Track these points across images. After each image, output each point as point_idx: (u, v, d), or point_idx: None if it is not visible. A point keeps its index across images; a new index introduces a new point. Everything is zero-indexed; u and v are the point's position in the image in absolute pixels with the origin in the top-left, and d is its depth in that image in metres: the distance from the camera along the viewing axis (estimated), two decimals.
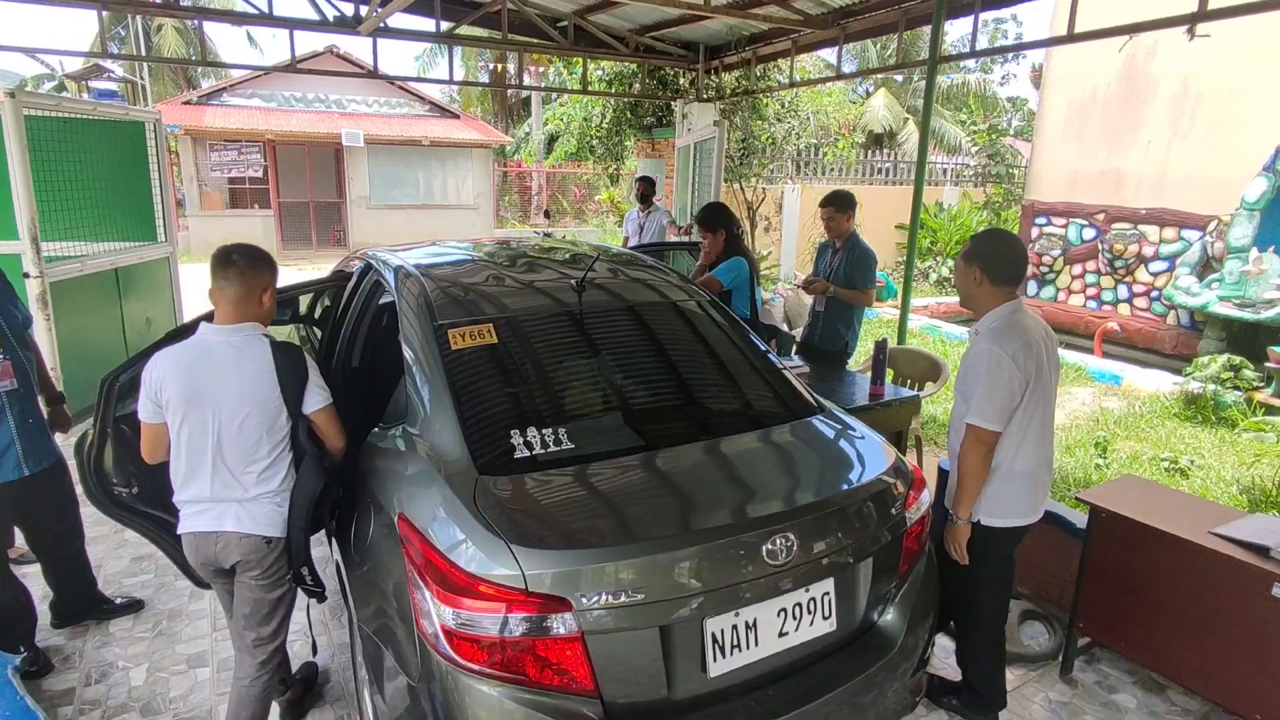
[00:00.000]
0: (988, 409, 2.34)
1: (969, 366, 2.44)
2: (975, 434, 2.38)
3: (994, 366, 2.33)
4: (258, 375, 2.19)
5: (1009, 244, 2.50)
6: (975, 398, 2.36)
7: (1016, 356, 2.33)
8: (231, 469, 2.19)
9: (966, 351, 2.53)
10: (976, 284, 2.45)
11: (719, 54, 7.76)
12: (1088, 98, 8.98)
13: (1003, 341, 2.35)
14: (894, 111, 20.05)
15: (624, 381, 2.43)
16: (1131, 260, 8.54)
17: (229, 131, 15.94)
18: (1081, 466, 4.67)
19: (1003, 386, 2.33)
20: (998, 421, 2.35)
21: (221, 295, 2.21)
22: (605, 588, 1.67)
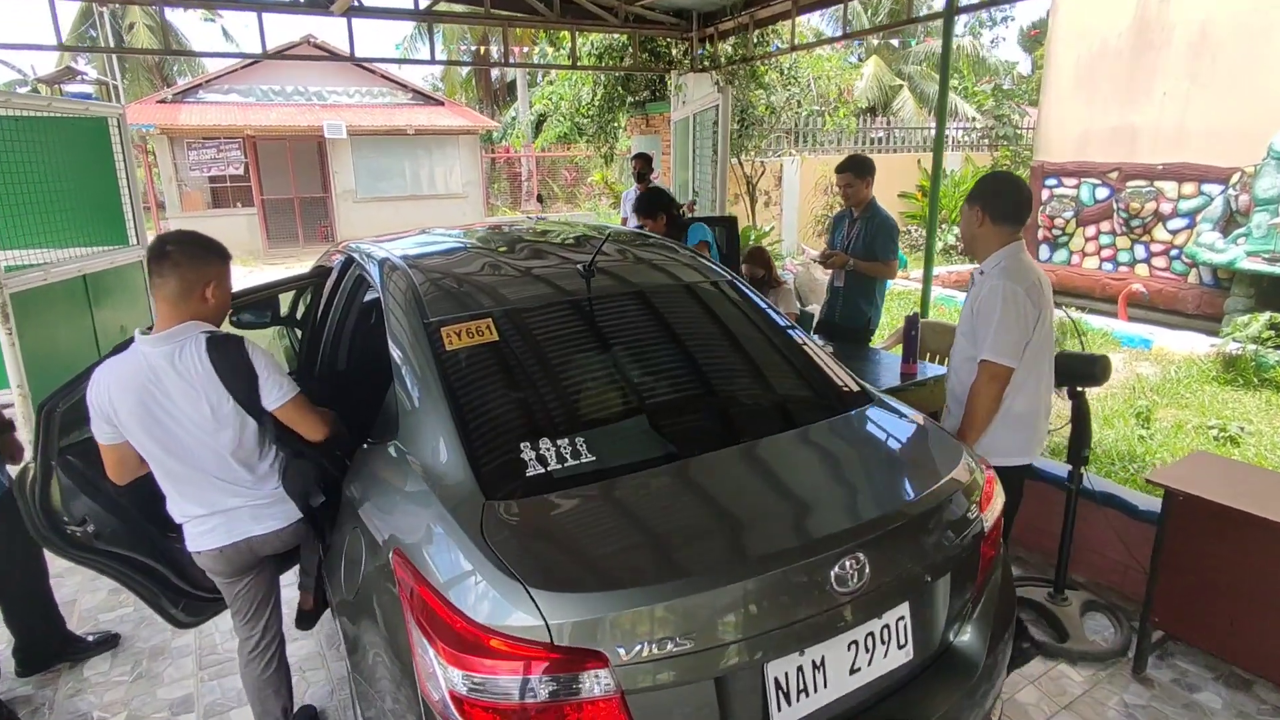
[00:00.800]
0: (1004, 344, 2.36)
1: (980, 304, 2.43)
2: (990, 370, 2.39)
3: (1009, 302, 2.34)
4: (202, 386, 1.91)
5: (1008, 182, 2.55)
6: (990, 334, 2.37)
7: (1031, 293, 2.37)
8: (222, 480, 1.97)
9: (973, 291, 2.52)
10: (979, 224, 2.49)
11: (713, 20, 7.35)
12: (1097, 51, 8.60)
13: (1015, 278, 2.37)
14: (885, 80, 19.58)
15: (646, 378, 2.11)
16: (1149, 219, 8.21)
17: (206, 129, 15.48)
18: (1124, 439, 4.39)
19: (1018, 322, 2.36)
20: (1013, 357, 2.37)
21: (158, 294, 1.91)
22: (647, 636, 1.37)
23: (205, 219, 16.16)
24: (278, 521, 2.08)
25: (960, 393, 2.58)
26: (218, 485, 1.99)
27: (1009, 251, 2.47)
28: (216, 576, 2.15)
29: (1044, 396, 2.55)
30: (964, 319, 2.56)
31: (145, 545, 2.30)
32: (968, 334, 2.53)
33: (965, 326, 2.54)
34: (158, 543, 2.32)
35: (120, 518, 2.21)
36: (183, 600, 2.42)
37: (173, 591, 2.39)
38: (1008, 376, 2.40)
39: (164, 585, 2.37)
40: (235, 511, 2.03)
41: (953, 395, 2.66)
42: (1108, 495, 3.19)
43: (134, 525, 2.25)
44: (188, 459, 1.94)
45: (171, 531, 2.29)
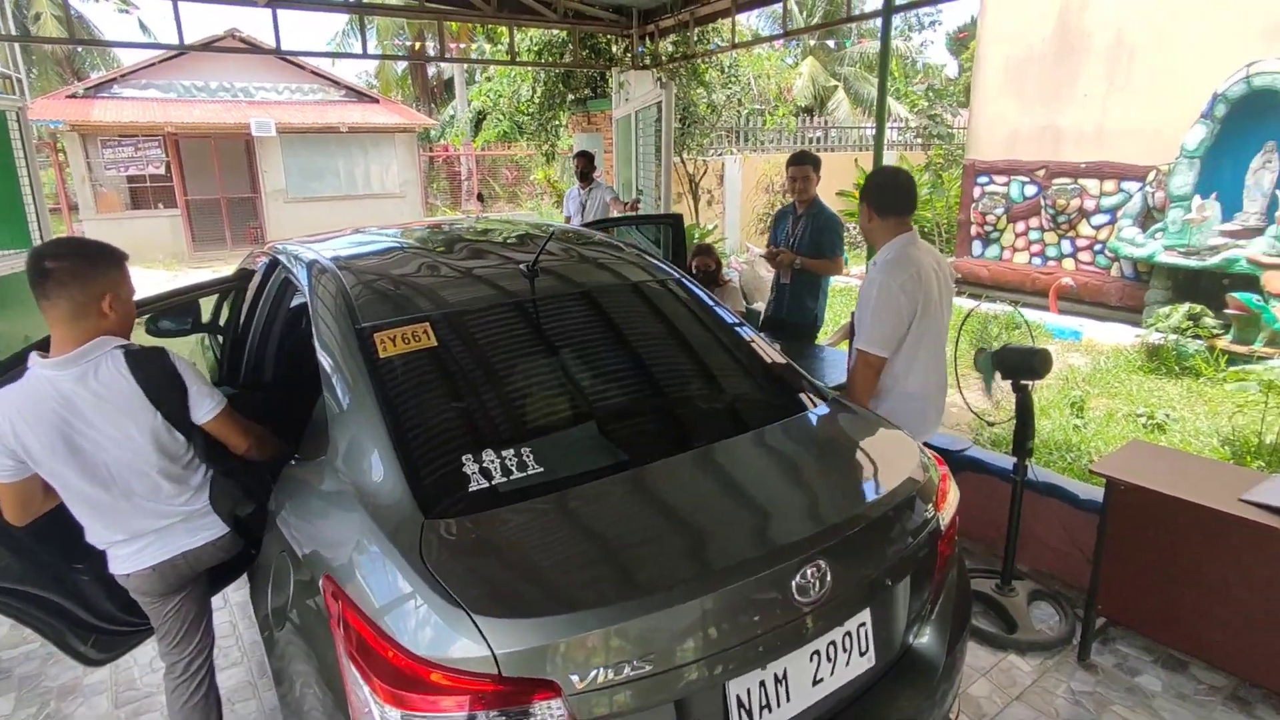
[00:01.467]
0: (875, 335, 2.48)
1: (861, 296, 2.56)
2: (863, 358, 2.52)
3: (883, 296, 2.46)
4: (127, 405, 1.74)
5: (889, 176, 2.68)
6: (864, 325, 2.49)
7: (905, 286, 2.46)
8: (151, 503, 1.82)
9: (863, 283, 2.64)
10: (869, 219, 2.59)
11: (653, 17, 7.30)
12: (1023, 54, 8.90)
13: (894, 272, 2.47)
14: (820, 80, 19.93)
15: (594, 383, 2.02)
16: (1074, 215, 8.54)
17: (123, 125, 14.64)
18: (1060, 429, 4.52)
19: (890, 315, 2.46)
20: (883, 347, 2.49)
21: (50, 317, 1.70)
22: (603, 661, 1.28)
23: (124, 221, 15.31)
24: (213, 531, 1.95)
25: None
26: (146, 509, 1.84)
27: (898, 243, 2.56)
28: (145, 597, 1.97)
29: (933, 377, 2.65)
30: (856, 308, 2.69)
31: (46, 579, 2.09)
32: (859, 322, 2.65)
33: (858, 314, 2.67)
34: (61, 575, 2.12)
35: (12, 549, 2.00)
36: (93, 636, 2.21)
37: (81, 628, 2.18)
38: (879, 365, 2.52)
39: (71, 621, 2.16)
40: (165, 531, 1.88)
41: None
42: (1050, 485, 3.25)
43: (30, 557, 2.04)
44: (113, 485, 1.78)
45: (77, 563, 2.09)
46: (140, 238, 15.15)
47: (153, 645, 2.82)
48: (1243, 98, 6.83)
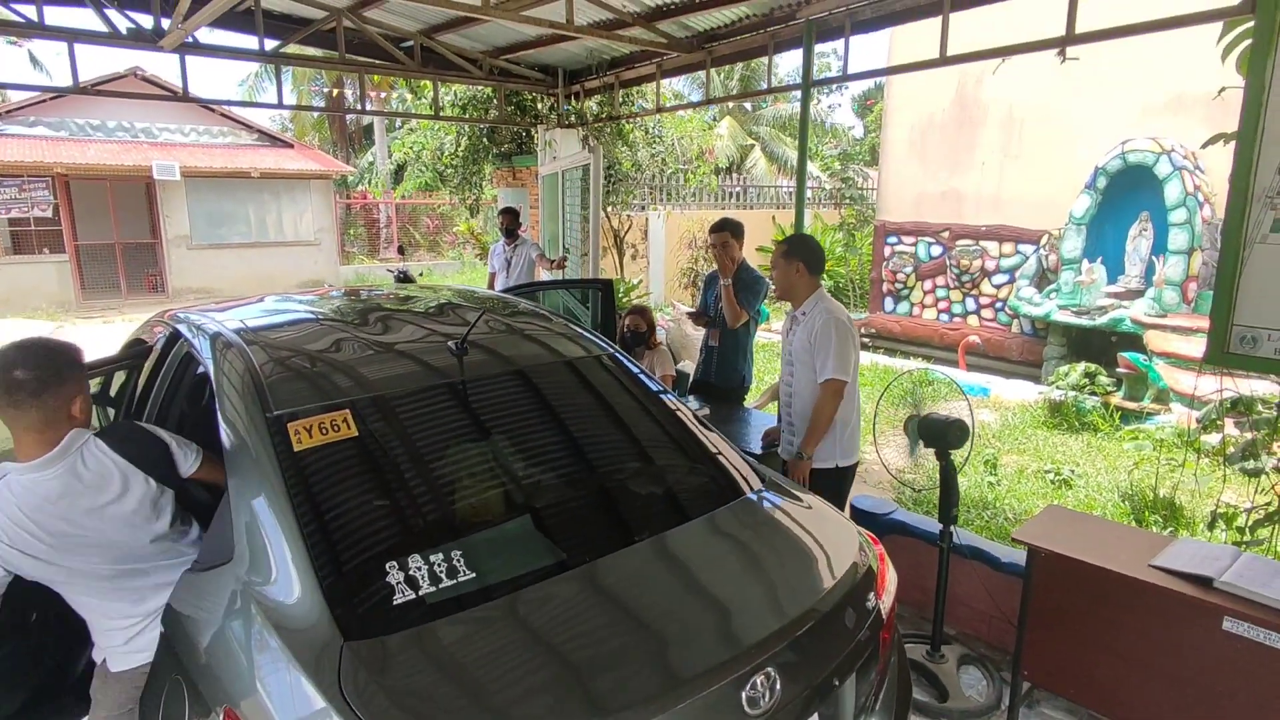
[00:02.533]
0: (845, 364, 2.91)
1: (817, 336, 2.95)
2: (834, 386, 2.92)
3: (843, 331, 2.92)
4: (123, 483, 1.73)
5: (816, 242, 3.22)
6: (831, 358, 2.89)
7: (850, 321, 2.99)
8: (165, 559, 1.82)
9: (801, 327, 3.04)
10: (799, 275, 3.05)
11: (579, 78, 7.43)
12: (926, 123, 9.52)
13: (839, 312, 2.99)
14: (738, 139, 20.76)
15: (528, 472, 1.92)
16: (976, 274, 9.08)
17: (6, 165, 13.62)
18: (975, 486, 4.67)
19: (853, 345, 2.95)
20: (848, 373, 2.93)
21: (18, 426, 1.64)
22: None
23: (4, 267, 14.15)
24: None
25: (806, 410, 3.02)
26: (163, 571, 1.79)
27: (821, 294, 3.07)
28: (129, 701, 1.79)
29: (850, 407, 3.06)
30: (800, 349, 3.04)
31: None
32: (807, 361, 3.01)
33: (804, 355, 3.02)
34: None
35: None
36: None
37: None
38: (843, 389, 2.93)
39: None
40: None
41: (800, 419, 3.07)
42: (973, 549, 3.33)
43: None
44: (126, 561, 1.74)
45: None
46: (21, 284, 14.03)
47: None
48: (1120, 171, 7.50)
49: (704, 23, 5.53)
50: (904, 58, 4.76)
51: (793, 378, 3.12)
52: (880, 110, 19.17)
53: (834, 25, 4.57)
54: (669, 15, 5.34)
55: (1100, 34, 3.36)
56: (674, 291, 11.53)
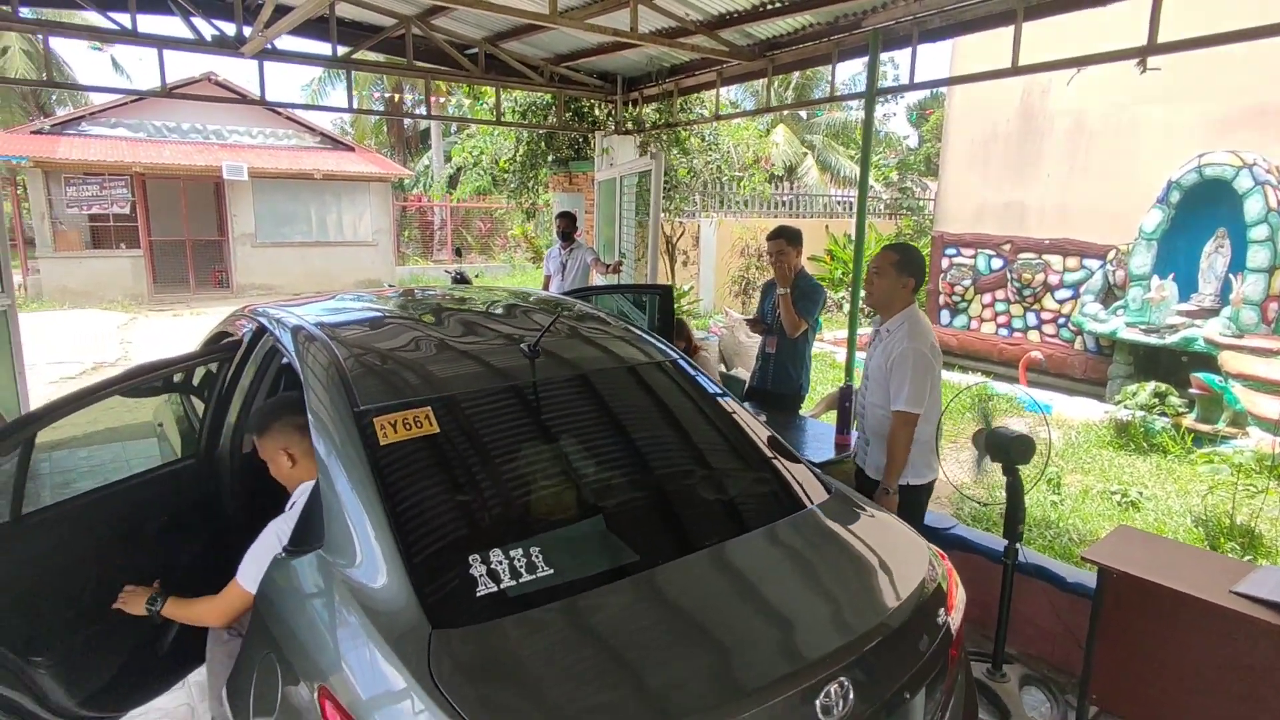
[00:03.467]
0: (917, 397, 2.82)
1: (894, 363, 2.85)
2: (905, 418, 2.83)
3: (920, 363, 2.82)
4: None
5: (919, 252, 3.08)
6: (905, 390, 2.80)
7: (934, 349, 2.90)
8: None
9: (883, 345, 2.96)
10: (905, 289, 2.92)
11: (638, 85, 7.50)
12: (989, 134, 9.32)
13: (921, 341, 2.86)
14: (792, 147, 20.62)
15: (599, 474, 1.95)
16: (1039, 288, 8.84)
17: (89, 164, 14.36)
18: (1038, 505, 4.55)
19: (928, 378, 2.85)
20: (922, 405, 2.84)
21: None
22: None
23: (82, 260, 14.92)
24: None
25: (882, 432, 2.96)
26: None
27: (913, 311, 2.95)
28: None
29: (931, 426, 3.00)
30: (877, 368, 2.97)
31: (3, 672, 1.93)
32: (881, 382, 2.94)
33: (879, 375, 2.95)
34: (19, 669, 1.95)
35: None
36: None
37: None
38: (916, 420, 2.85)
39: (23, 717, 1.98)
40: None
41: (872, 430, 3.05)
42: (1038, 568, 3.25)
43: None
44: None
45: (36, 655, 1.93)
46: (99, 277, 14.75)
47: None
48: (1195, 185, 7.22)
49: (767, 31, 5.52)
50: (967, 67, 4.67)
51: (866, 392, 3.07)
52: (938, 119, 18.81)
53: (901, 34, 4.52)
54: (732, 24, 5.34)
55: (1184, 44, 3.25)
56: (724, 299, 11.51)
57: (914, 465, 2.96)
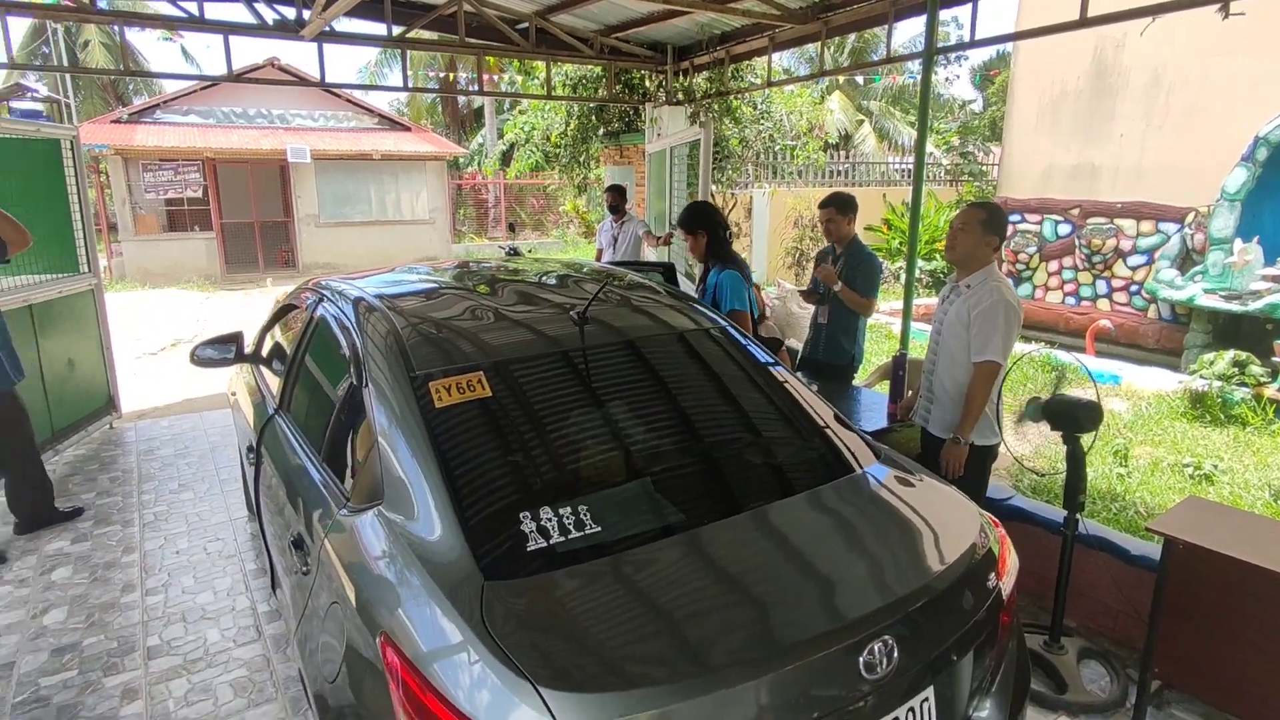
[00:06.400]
0: (1005, 348, 2.81)
1: (983, 313, 2.82)
2: (990, 369, 2.82)
3: (1009, 314, 2.81)
4: None
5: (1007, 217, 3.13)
6: (994, 340, 2.79)
7: (1019, 303, 2.88)
8: None
9: (963, 301, 2.92)
10: (988, 247, 2.91)
11: (688, 54, 7.40)
12: (1057, 92, 8.88)
13: (1010, 293, 2.85)
14: (848, 114, 20.03)
15: (646, 437, 1.99)
16: (1109, 255, 8.44)
17: (164, 150, 15.02)
18: (1103, 477, 4.40)
19: (1016, 329, 2.84)
20: (1008, 358, 2.85)
21: None
22: None
23: (160, 242, 15.67)
24: None
25: (953, 390, 2.96)
26: None
27: (992, 270, 2.93)
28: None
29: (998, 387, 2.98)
30: (955, 321, 2.94)
31: None
32: (959, 335, 2.92)
33: (957, 329, 2.93)
34: None
35: None
36: None
37: None
38: (998, 373, 2.85)
39: None
40: None
41: (941, 391, 3.03)
42: (1100, 540, 3.16)
43: None
44: None
45: None
46: (176, 258, 15.49)
47: (195, 674, 2.84)
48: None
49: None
50: (1034, 21, 4.43)
51: (938, 348, 3.05)
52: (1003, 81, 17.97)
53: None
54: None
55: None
56: (777, 270, 11.36)
57: (979, 426, 2.93)
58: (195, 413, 6.21)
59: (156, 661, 2.94)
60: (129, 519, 4.18)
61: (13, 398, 3.78)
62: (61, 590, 3.45)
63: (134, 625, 3.18)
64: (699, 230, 3.88)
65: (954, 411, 2.96)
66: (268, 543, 2.74)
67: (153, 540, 3.93)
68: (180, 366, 7.83)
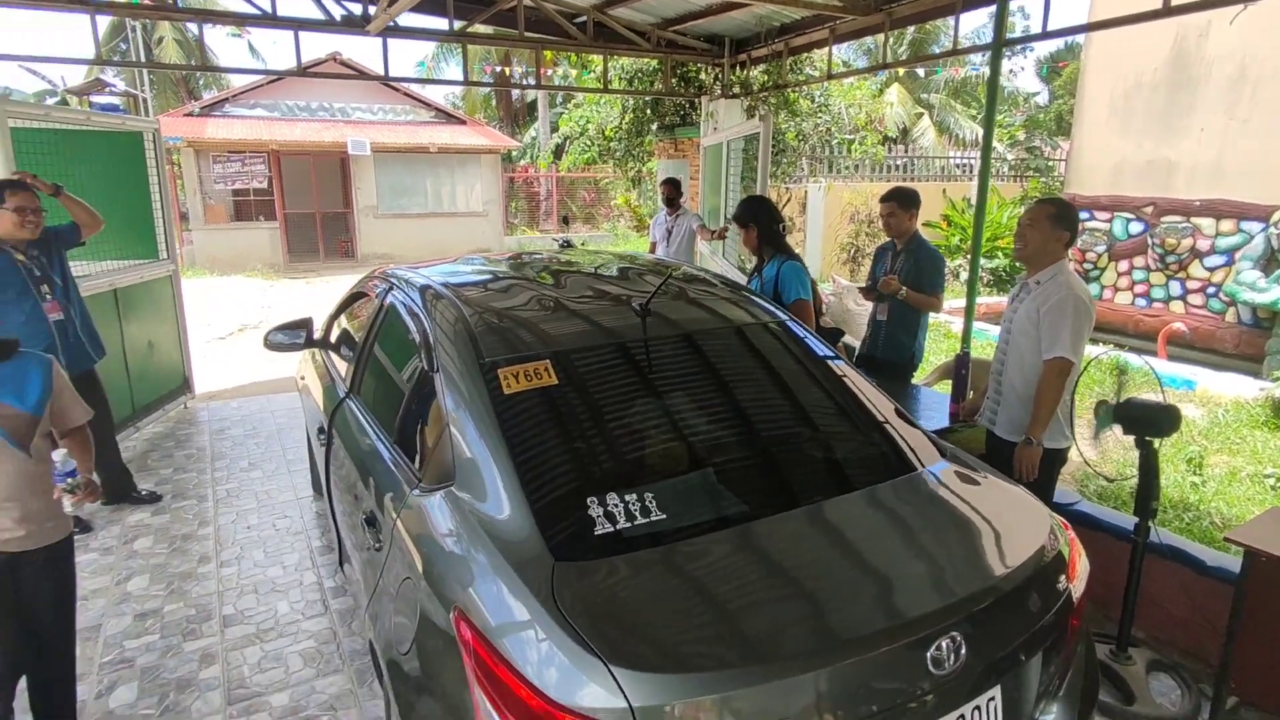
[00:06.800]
0: (1077, 345, 2.74)
1: (1053, 309, 2.75)
2: (1061, 366, 2.73)
3: (1081, 309, 2.73)
4: None
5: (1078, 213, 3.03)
6: (1064, 336, 2.71)
7: (1091, 302, 2.81)
8: None
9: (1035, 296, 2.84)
10: (1058, 243, 2.85)
11: (745, 47, 7.34)
12: (1132, 84, 8.52)
13: (1080, 288, 2.78)
14: (907, 108, 19.57)
15: (708, 429, 2.00)
16: (1185, 255, 8.07)
17: (232, 142, 15.62)
18: (1175, 486, 4.23)
19: (1087, 327, 2.76)
20: (1079, 355, 2.78)
21: None
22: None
23: (228, 231, 16.29)
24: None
25: (1022, 390, 2.89)
26: None
27: (1063, 266, 2.86)
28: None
29: (1071, 388, 2.88)
30: (1024, 319, 2.87)
31: None
32: (1028, 333, 2.85)
33: (1026, 327, 2.86)
34: None
35: None
36: None
37: None
38: (1070, 370, 2.76)
39: None
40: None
41: (1010, 391, 2.96)
42: (1173, 549, 3.05)
43: None
44: None
45: None
46: (242, 247, 16.09)
47: (267, 643, 2.98)
48: None
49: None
50: (1110, 10, 4.24)
51: (1007, 347, 2.99)
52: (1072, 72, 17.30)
53: None
54: None
55: None
56: (832, 266, 11.20)
57: (1049, 428, 2.84)
58: (262, 395, 6.46)
59: (232, 629, 3.09)
60: (203, 494, 4.39)
61: (92, 376, 3.96)
62: (143, 559, 3.65)
63: (210, 595, 3.34)
64: (751, 223, 3.90)
65: (1022, 413, 2.88)
66: (336, 521, 2.85)
67: (226, 515, 4.12)
68: (247, 351, 8.14)
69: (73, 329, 3.78)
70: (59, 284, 3.75)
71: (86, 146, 4.85)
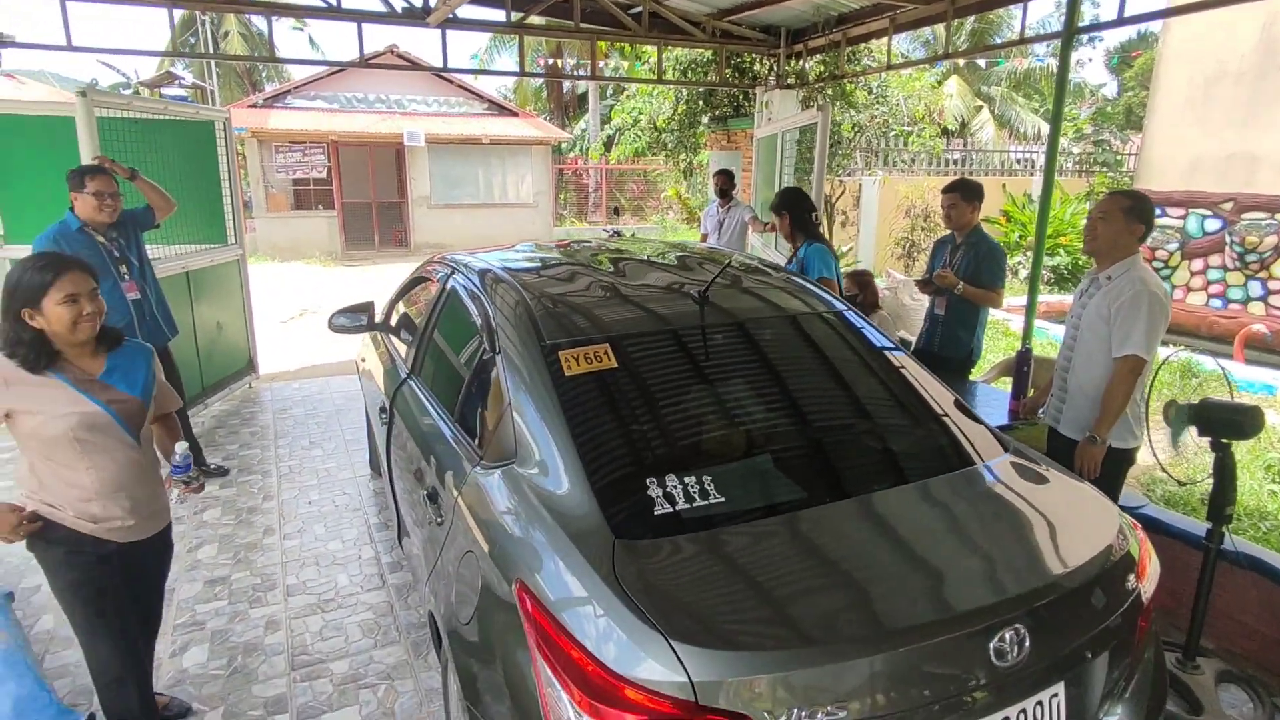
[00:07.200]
0: (1151, 343, 2.65)
1: (1123, 305, 2.66)
2: (1133, 364, 2.65)
3: (1155, 305, 2.64)
4: None
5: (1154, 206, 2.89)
6: (1137, 333, 2.62)
7: (1167, 297, 2.70)
8: None
9: (1106, 292, 2.74)
10: (1132, 236, 2.74)
11: (802, 37, 7.24)
12: (1214, 73, 8.11)
13: (1155, 284, 2.68)
14: (965, 100, 19.03)
15: (768, 415, 2.00)
16: (1266, 254, 7.67)
17: (293, 133, 16.09)
18: (1252, 494, 4.05)
19: (1161, 323, 2.67)
20: (1153, 352, 2.68)
21: None
22: (799, 702, 1.26)
23: (288, 220, 16.81)
24: None
25: (1090, 388, 2.80)
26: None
27: (1136, 261, 2.76)
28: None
29: (1144, 385, 2.81)
30: (1094, 315, 2.78)
31: None
32: (1097, 330, 2.76)
33: (1095, 323, 2.76)
34: None
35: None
36: None
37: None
38: (1142, 368, 2.68)
39: None
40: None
41: (1077, 390, 2.87)
42: (1249, 558, 2.92)
43: None
44: None
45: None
46: (301, 235, 16.59)
47: (328, 613, 3.09)
48: None
49: None
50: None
51: (1075, 344, 2.91)
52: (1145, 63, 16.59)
53: None
54: None
55: None
56: (886, 260, 10.99)
57: (1117, 426, 2.76)
58: (321, 378, 6.67)
59: (294, 599, 3.21)
60: (267, 470, 4.56)
61: (167, 354, 4.12)
62: (212, 529, 3.82)
63: (274, 565, 3.48)
64: (785, 211, 4.31)
65: (1089, 411, 2.80)
66: (396, 497, 2.93)
67: (288, 490, 4.27)
68: (307, 335, 8.41)
69: (149, 308, 3.96)
70: (135, 264, 3.93)
71: (162, 135, 5.06)
